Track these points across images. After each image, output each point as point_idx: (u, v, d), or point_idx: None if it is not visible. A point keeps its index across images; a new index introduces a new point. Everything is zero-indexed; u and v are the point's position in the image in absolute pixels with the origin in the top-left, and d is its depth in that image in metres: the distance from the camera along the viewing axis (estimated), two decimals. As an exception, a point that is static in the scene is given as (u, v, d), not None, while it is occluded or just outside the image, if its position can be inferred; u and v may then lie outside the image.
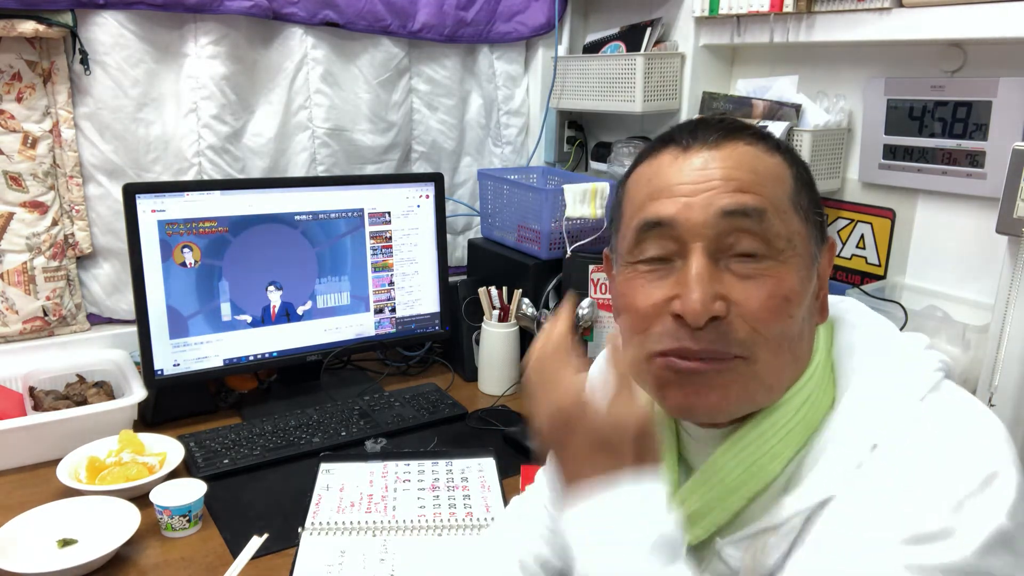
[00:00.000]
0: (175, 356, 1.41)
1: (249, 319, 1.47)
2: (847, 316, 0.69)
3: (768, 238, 0.59)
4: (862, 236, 1.47)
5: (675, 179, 0.61)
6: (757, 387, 0.60)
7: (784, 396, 0.61)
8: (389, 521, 1.10)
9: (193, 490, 1.11)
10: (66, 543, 1.03)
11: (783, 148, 0.65)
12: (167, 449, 1.25)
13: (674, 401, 0.61)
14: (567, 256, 1.59)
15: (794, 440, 0.61)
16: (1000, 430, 0.56)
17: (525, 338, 1.60)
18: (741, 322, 0.58)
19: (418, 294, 1.65)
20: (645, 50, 1.69)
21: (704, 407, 0.60)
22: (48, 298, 1.45)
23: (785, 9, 1.39)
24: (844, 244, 1.51)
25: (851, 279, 1.50)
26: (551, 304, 1.58)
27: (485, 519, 1.10)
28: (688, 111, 1.66)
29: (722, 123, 0.64)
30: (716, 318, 0.57)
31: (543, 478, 0.89)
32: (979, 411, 0.58)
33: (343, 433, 1.37)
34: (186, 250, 1.39)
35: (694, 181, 0.60)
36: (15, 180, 1.40)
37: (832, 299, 0.72)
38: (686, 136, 0.63)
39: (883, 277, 1.44)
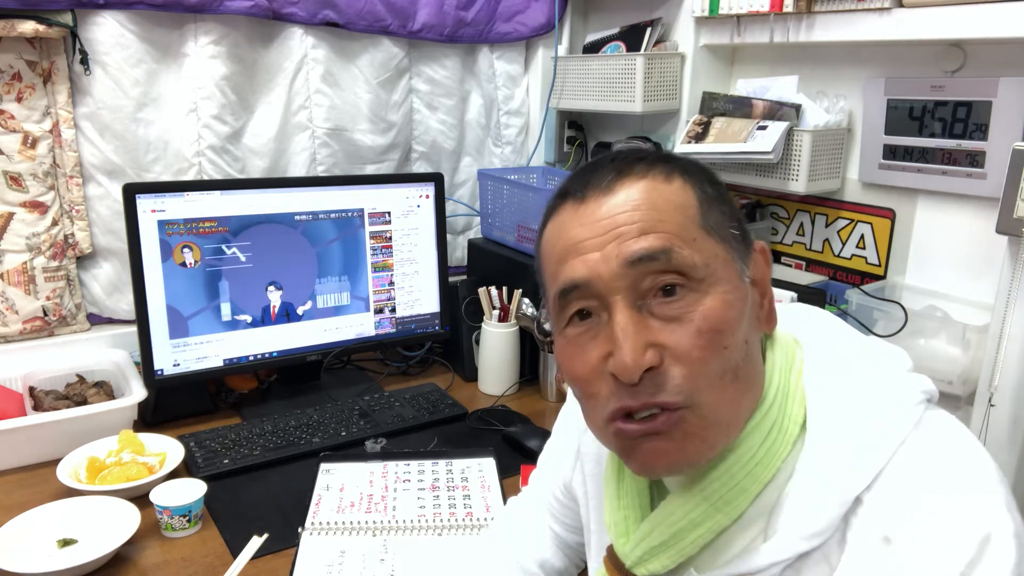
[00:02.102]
0: (175, 356, 1.41)
1: (249, 319, 1.47)
2: (815, 328, 0.66)
3: (683, 271, 0.56)
4: (862, 236, 1.47)
5: (577, 236, 0.59)
6: (711, 432, 0.57)
7: (746, 428, 0.59)
8: (389, 521, 1.10)
9: (193, 490, 1.11)
10: (66, 543, 1.03)
11: (681, 168, 0.61)
12: (167, 449, 1.25)
13: (636, 468, 0.60)
14: (567, 256, 1.58)
15: (762, 473, 0.59)
16: (989, 469, 0.54)
17: (525, 338, 1.60)
18: (677, 367, 0.55)
19: (418, 294, 1.65)
20: (645, 50, 1.69)
21: (665, 467, 0.58)
22: (48, 298, 1.45)
23: (785, 9, 1.39)
24: (844, 244, 1.51)
25: (851, 279, 1.50)
26: (551, 304, 1.58)
27: (485, 519, 1.10)
28: (688, 111, 1.66)
29: (613, 162, 0.61)
30: (651, 369, 0.55)
31: (536, 479, 0.90)
32: (965, 451, 0.56)
33: (343, 433, 1.37)
34: (186, 250, 1.39)
35: (596, 234, 0.58)
36: (15, 180, 1.40)
37: (797, 308, 0.70)
38: (579, 187, 0.60)
39: (883, 277, 1.44)
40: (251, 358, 1.48)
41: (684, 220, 0.58)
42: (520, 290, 1.58)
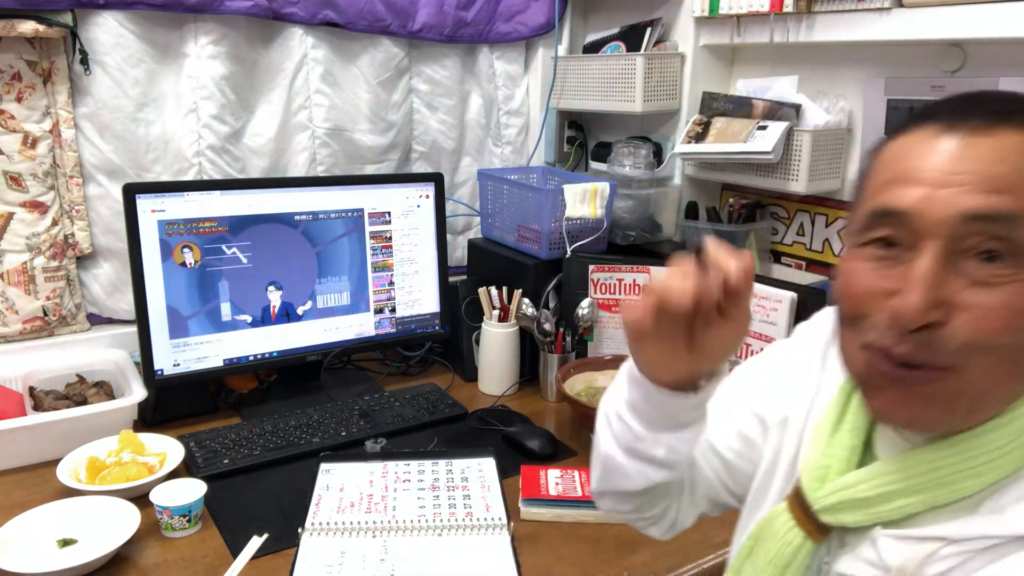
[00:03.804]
0: (175, 356, 1.41)
1: (249, 319, 1.47)
2: None
3: (1020, 246, 0.51)
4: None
5: (922, 163, 0.54)
6: (964, 403, 0.54)
7: (1003, 418, 0.55)
8: (389, 521, 1.10)
9: (193, 490, 1.11)
10: (66, 543, 1.03)
11: None
12: (167, 449, 1.25)
13: (874, 405, 0.58)
14: (567, 256, 1.59)
15: (1005, 465, 0.55)
16: None
17: (525, 338, 1.60)
18: (962, 331, 0.52)
19: (418, 294, 1.65)
20: (645, 50, 1.69)
21: (902, 420, 0.57)
22: (48, 298, 1.45)
23: (785, 9, 1.39)
24: (844, 244, 1.51)
25: (851, 279, 1.50)
26: (551, 304, 1.58)
27: (485, 519, 1.10)
28: (688, 111, 1.66)
29: (999, 102, 0.55)
30: (931, 324, 0.52)
31: (730, 394, 0.81)
32: None
33: (343, 433, 1.37)
34: (186, 250, 1.39)
35: (943, 170, 0.53)
36: (15, 180, 1.40)
37: None
38: (950, 114, 0.55)
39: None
40: (251, 358, 1.48)
41: None
42: (520, 290, 1.58)
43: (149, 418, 1.40)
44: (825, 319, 0.75)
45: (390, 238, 1.60)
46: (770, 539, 0.65)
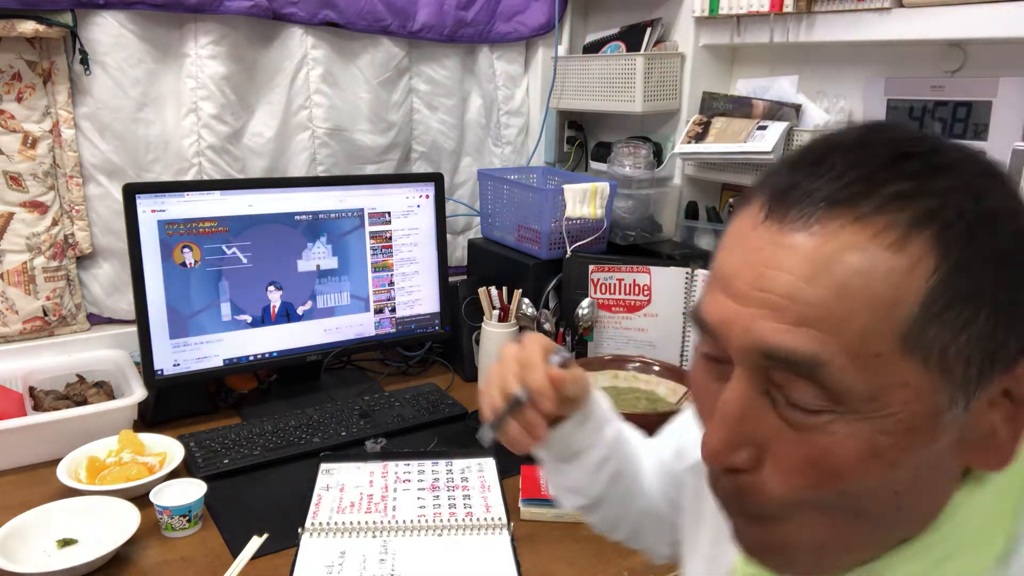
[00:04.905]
0: (175, 356, 1.41)
1: (249, 319, 1.47)
2: None
3: (834, 393, 0.40)
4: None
5: (737, 267, 0.43)
6: (800, 554, 0.45)
7: (901, 553, 0.45)
8: (389, 521, 1.10)
9: (193, 490, 1.11)
10: (66, 543, 1.03)
11: (949, 220, 0.39)
12: (167, 449, 1.25)
13: (731, 530, 0.48)
14: (567, 256, 1.58)
15: None
16: None
17: (525, 338, 1.60)
18: (771, 484, 0.43)
19: (418, 294, 1.65)
20: (645, 50, 1.69)
21: (757, 558, 0.48)
22: (48, 298, 1.45)
23: (785, 9, 1.39)
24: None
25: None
26: (551, 304, 1.58)
27: (485, 519, 1.10)
28: (688, 111, 1.66)
29: (849, 171, 0.40)
30: (737, 469, 0.43)
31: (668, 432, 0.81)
32: None
33: (343, 433, 1.37)
34: (186, 250, 1.39)
35: (751, 283, 0.42)
36: (15, 180, 1.40)
37: None
38: (778, 192, 0.42)
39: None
40: (251, 358, 1.48)
41: (875, 324, 0.39)
42: (520, 290, 1.58)
43: (149, 418, 1.40)
44: None
45: (390, 238, 1.60)
46: None
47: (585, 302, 1.55)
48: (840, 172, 0.40)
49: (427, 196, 1.62)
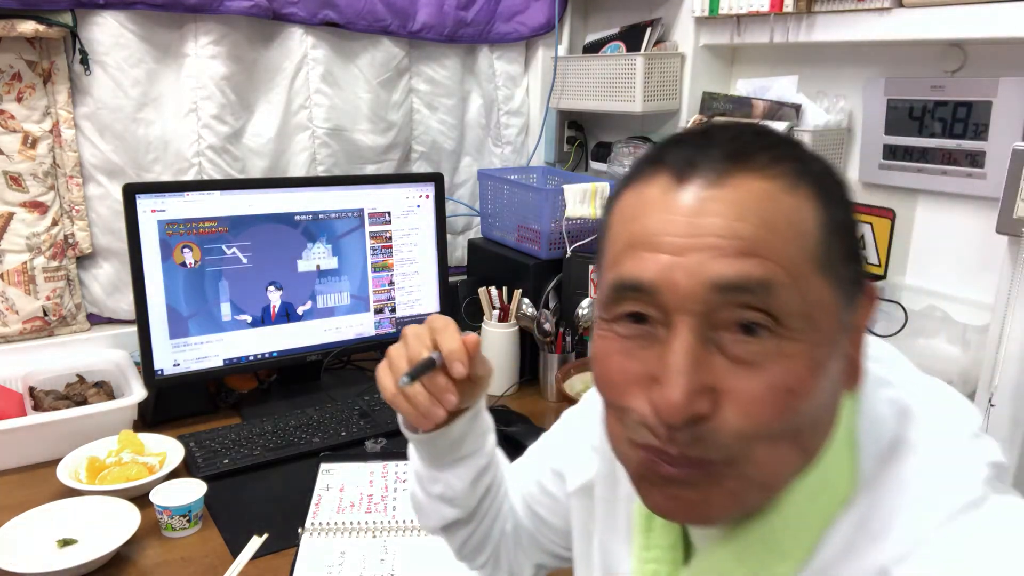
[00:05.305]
0: (175, 356, 1.41)
1: (249, 319, 1.47)
2: (879, 375, 0.55)
3: (777, 315, 0.45)
4: (862, 236, 1.47)
5: (660, 226, 0.47)
6: (749, 493, 0.48)
7: (790, 491, 0.50)
8: (389, 521, 1.10)
9: (193, 490, 1.11)
10: (66, 543, 1.03)
11: (812, 174, 0.48)
12: (167, 449, 1.25)
13: (651, 503, 0.51)
14: (567, 256, 1.59)
15: (806, 538, 0.50)
16: None
17: (525, 338, 1.60)
18: (732, 422, 0.46)
19: (418, 294, 1.65)
20: (645, 50, 1.69)
21: (684, 515, 0.50)
22: (48, 298, 1.45)
23: (785, 9, 1.39)
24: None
25: (851, 279, 1.50)
26: (551, 304, 1.58)
27: (485, 519, 1.10)
28: (688, 111, 1.66)
29: (732, 142, 0.48)
30: (698, 417, 0.46)
31: (530, 458, 0.84)
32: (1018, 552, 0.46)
33: (343, 433, 1.37)
34: (186, 250, 1.39)
35: (684, 234, 0.46)
36: (15, 180, 1.40)
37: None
38: (682, 161, 0.48)
39: (883, 277, 1.44)
40: (251, 358, 1.48)
41: (798, 250, 0.46)
42: (520, 290, 1.58)
43: (149, 418, 1.40)
44: (593, 405, 0.74)
45: (390, 238, 1.60)
46: None
47: (585, 302, 1.55)
48: (729, 139, 0.49)
49: (427, 196, 1.62)
